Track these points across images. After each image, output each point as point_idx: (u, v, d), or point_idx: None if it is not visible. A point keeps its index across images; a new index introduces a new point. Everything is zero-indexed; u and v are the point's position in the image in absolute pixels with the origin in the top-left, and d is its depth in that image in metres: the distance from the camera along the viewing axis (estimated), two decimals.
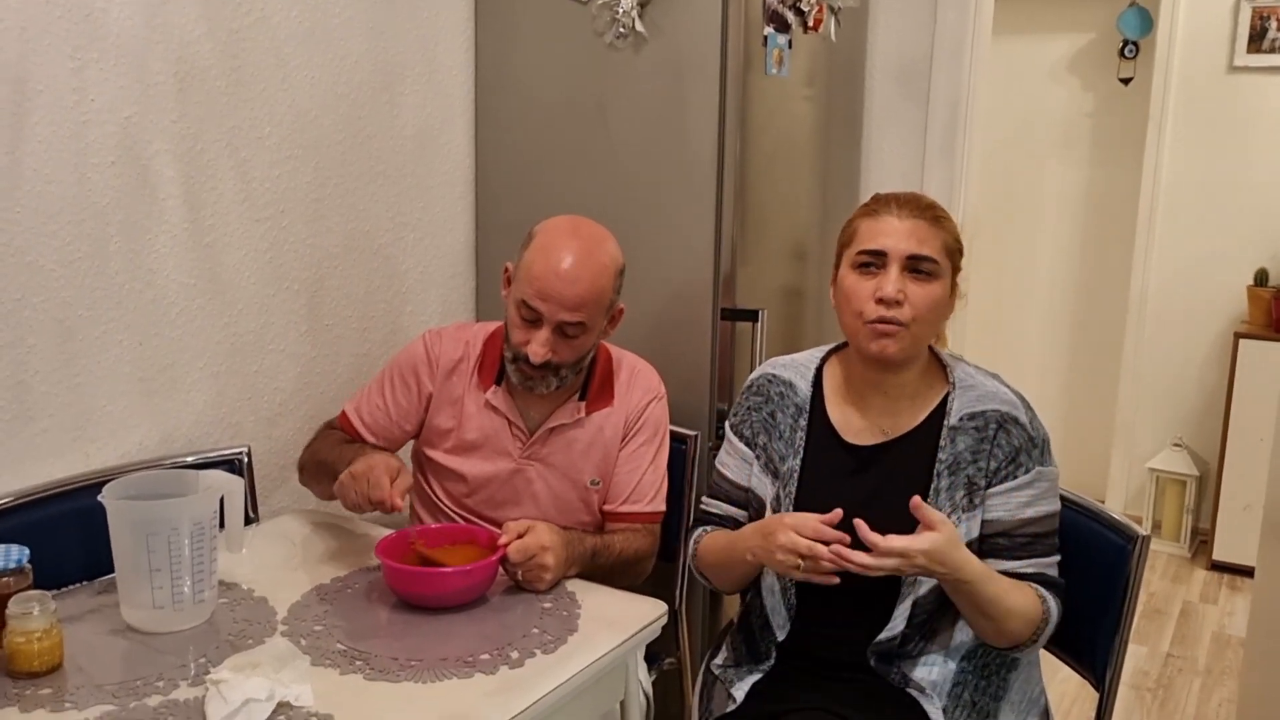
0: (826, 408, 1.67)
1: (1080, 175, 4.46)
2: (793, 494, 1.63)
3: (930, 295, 1.56)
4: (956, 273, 1.62)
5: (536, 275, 1.75)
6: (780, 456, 1.66)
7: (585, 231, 1.81)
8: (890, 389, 1.62)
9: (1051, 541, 1.57)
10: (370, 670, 1.42)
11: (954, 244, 1.60)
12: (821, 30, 2.45)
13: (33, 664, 1.36)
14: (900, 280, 1.54)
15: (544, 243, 1.79)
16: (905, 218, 1.57)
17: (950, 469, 1.56)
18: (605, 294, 1.79)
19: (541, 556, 1.65)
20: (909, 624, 1.55)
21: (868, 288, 1.56)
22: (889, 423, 1.63)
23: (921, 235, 1.56)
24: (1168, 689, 3.14)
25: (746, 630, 1.67)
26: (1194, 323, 4.16)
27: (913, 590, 1.54)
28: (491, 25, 2.42)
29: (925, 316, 1.56)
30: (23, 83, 1.63)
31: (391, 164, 2.29)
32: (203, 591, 1.53)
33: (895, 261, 1.55)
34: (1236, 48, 3.96)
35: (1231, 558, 3.91)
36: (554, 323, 1.75)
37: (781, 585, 1.61)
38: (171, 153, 1.85)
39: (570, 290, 1.74)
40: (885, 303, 1.54)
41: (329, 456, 1.87)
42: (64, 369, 1.74)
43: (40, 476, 1.73)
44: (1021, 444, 1.56)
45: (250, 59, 1.96)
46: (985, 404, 1.58)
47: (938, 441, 1.58)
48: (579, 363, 1.84)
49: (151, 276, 1.85)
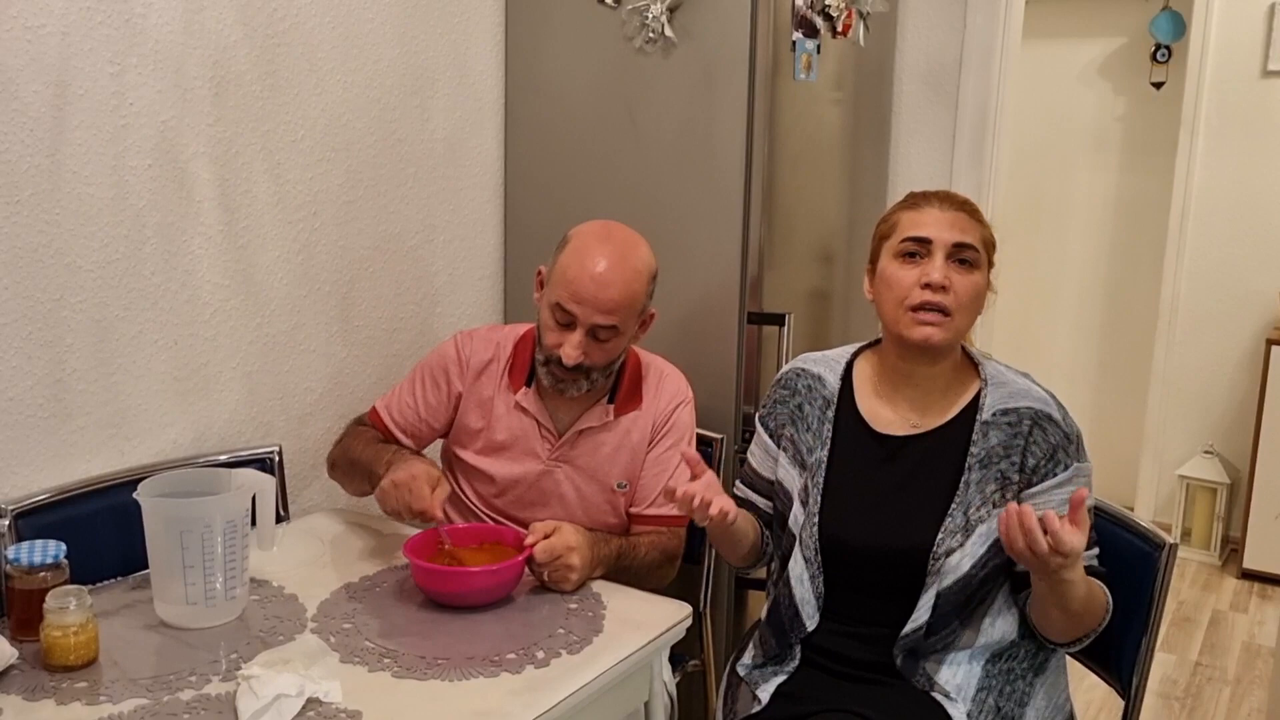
0: (856, 400, 1.68)
1: (1111, 180, 4.42)
2: (821, 484, 1.64)
3: (973, 284, 1.58)
4: (991, 268, 1.64)
5: (571, 279, 1.77)
6: (808, 448, 1.67)
7: (619, 236, 1.82)
8: (922, 382, 1.63)
9: (1093, 535, 1.58)
10: (398, 668, 1.44)
11: (990, 239, 1.63)
12: (850, 35, 2.45)
13: (69, 658, 1.39)
14: (945, 267, 1.57)
15: (578, 246, 1.80)
16: (947, 210, 1.61)
17: (982, 462, 1.56)
18: (638, 299, 1.81)
19: (567, 557, 1.67)
20: (934, 614, 1.55)
21: (913, 275, 1.58)
22: (918, 417, 1.64)
23: (963, 225, 1.59)
24: (1196, 698, 3.11)
25: (775, 623, 1.67)
26: (1225, 329, 4.12)
27: (937, 581, 1.55)
28: (521, 30, 2.43)
29: (968, 305, 1.58)
30: (64, 86, 1.66)
31: (422, 167, 2.31)
32: (234, 588, 1.55)
33: (940, 249, 1.58)
34: (1270, 53, 3.92)
35: (1262, 566, 3.87)
36: (587, 326, 1.77)
37: (810, 574, 1.62)
38: (207, 155, 1.88)
39: (604, 294, 1.75)
40: (932, 288, 1.56)
41: (362, 455, 1.89)
42: (100, 368, 1.77)
43: (77, 473, 1.76)
44: (1058, 441, 1.57)
45: (285, 64, 1.99)
46: (1018, 400, 1.59)
47: (969, 435, 1.59)
48: (610, 366, 1.85)
49: (186, 277, 1.88)
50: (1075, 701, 1.69)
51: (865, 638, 1.60)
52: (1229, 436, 4.15)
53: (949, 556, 1.53)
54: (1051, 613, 1.51)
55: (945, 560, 1.53)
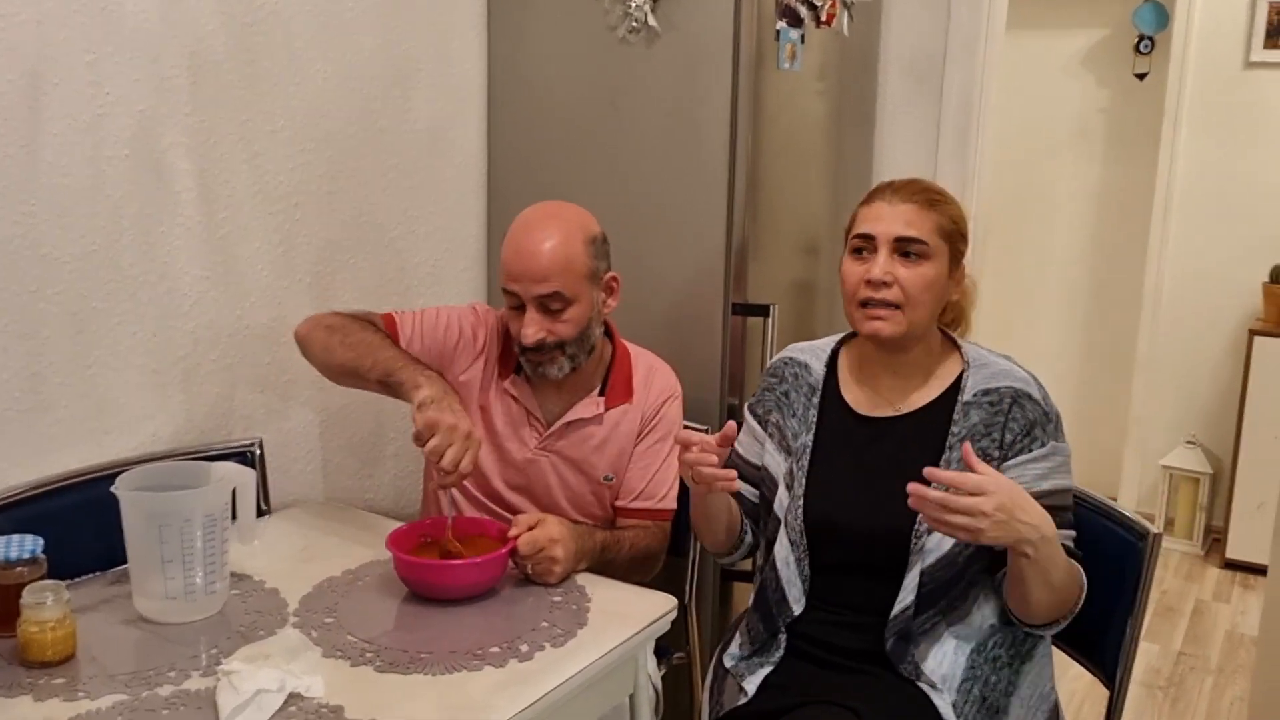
0: (840, 387, 1.71)
1: (1094, 171, 4.43)
2: (805, 466, 1.66)
3: (920, 276, 1.59)
4: (958, 254, 1.64)
5: (505, 260, 1.80)
6: (794, 434, 1.69)
7: (545, 209, 1.84)
8: (900, 368, 1.66)
9: (1068, 516, 1.58)
10: (381, 662, 1.43)
11: (950, 225, 1.62)
12: (834, 25, 2.44)
13: (46, 653, 1.37)
14: (889, 263, 1.59)
15: (510, 230, 1.82)
16: (897, 203, 1.61)
17: (964, 441, 1.56)
18: (576, 260, 1.78)
19: (551, 550, 1.66)
20: (919, 593, 1.55)
21: (859, 271, 1.61)
22: (901, 400, 1.66)
23: (910, 218, 1.60)
24: (1179, 687, 3.13)
25: (763, 607, 1.67)
26: (1208, 320, 4.13)
27: (920, 559, 1.55)
28: (504, 19, 2.42)
29: (918, 297, 1.59)
30: (39, 76, 1.64)
31: (404, 158, 2.29)
32: (214, 583, 1.54)
33: (884, 244, 1.60)
34: (1253, 43, 3.93)
35: (1245, 556, 3.90)
36: (532, 299, 1.77)
37: (796, 556, 1.63)
38: (185, 145, 1.86)
39: (534, 263, 1.76)
40: (873, 284, 1.58)
41: (380, 351, 1.78)
42: (78, 360, 1.75)
43: (54, 467, 1.74)
44: (1036, 418, 1.58)
45: (264, 53, 1.97)
46: (999, 381, 1.61)
47: (951, 415, 1.61)
48: (583, 339, 1.82)
49: (165, 269, 1.86)
50: (1060, 691, 1.69)
51: (852, 625, 1.61)
52: (1212, 427, 4.17)
53: (930, 534, 1.54)
54: (1030, 591, 1.49)
55: (927, 538, 1.55)
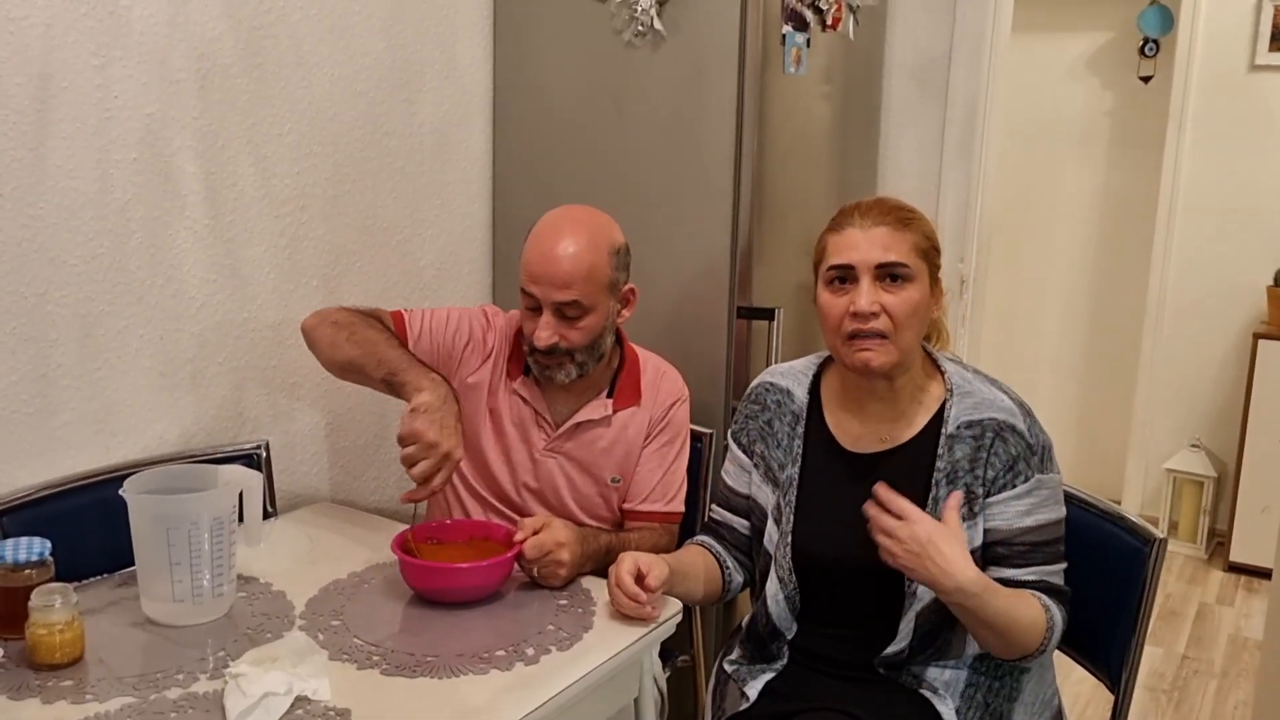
0: (825, 415, 1.66)
1: (1099, 174, 4.43)
2: (793, 502, 1.63)
3: (907, 301, 1.53)
4: (935, 270, 1.59)
5: (527, 261, 1.80)
6: (779, 465, 1.66)
7: (573, 215, 1.84)
8: (885, 396, 1.61)
9: (1054, 549, 1.55)
10: (387, 665, 1.43)
11: (926, 243, 1.57)
12: (840, 28, 2.44)
13: (54, 656, 1.37)
14: (873, 291, 1.52)
15: (535, 231, 1.83)
16: (869, 226, 1.54)
17: (948, 478, 1.55)
18: (598, 271, 1.79)
19: (557, 553, 1.66)
20: (914, 637, 1.54)
21: (841, 304, 1.55)
22: (887, 430, 1.61)
23: (887, 241, 1.53)
24: (1183, 691, 3.12)
25: (755, 635, 1.67)
26: (1212, 323, 4.13)
27: (915, 602, 1.53)
28: (510, 23, 2.42)
29: (906, 323, 1.53)
30: (47, 79, 1.64)
31: (410, 160, 2.30)
32: (221, 585, 1.54)
33: (865, 273, 1.53)
34: (1258, 46, 3.93)
35: (1249, 559, 3.89)
36: (550, 304, 1.77)
37: (785, 593, 1.61)
38: (193, 149, 1.86)
39: (557, 269, 1.76)
40: (861, 316, 1.52)
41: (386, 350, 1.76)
42: (85, 363, 1.76)
43: (62, 470, 1.74)
44: (1019, 452, 1.53)
45: (271, 56, 1.97)
46: (983, 412, 1.56)
47: (936, 450, 1.56)
48: (594, 347, 1.83)
49: (172, 271, 1.86)
50: (1063, 695, 1.69)
51: (849, 640, 1.60)
52: (1216, 430, 4.16)
53: None
54: (972, 628, 1.50)
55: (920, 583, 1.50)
